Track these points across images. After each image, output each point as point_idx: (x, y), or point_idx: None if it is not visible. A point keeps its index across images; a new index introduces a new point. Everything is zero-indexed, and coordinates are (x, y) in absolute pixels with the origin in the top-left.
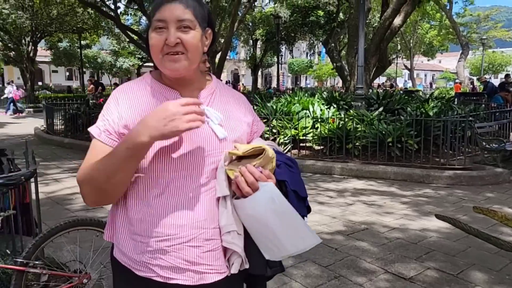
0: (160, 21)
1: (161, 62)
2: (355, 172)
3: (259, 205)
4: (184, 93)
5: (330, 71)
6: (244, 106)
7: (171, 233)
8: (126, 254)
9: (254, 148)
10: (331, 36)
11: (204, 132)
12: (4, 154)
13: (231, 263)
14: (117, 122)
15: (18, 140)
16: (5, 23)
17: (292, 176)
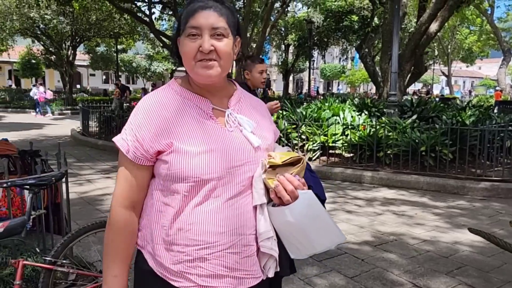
0: (194, 28)
1: (194, 68)
2: (386, 181)
3: (298, 213)
4: (214, 101)
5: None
6: (267, 114)
7: (212, 241)
8: (162, 265)
9: (292, 157)
10: (365, 41)
11: (239, 140)
12: (38, 155)
13: (268, 267)
14: (147, 139)
15: (55, 141)
16: (47, 28)
17: (314, 181)
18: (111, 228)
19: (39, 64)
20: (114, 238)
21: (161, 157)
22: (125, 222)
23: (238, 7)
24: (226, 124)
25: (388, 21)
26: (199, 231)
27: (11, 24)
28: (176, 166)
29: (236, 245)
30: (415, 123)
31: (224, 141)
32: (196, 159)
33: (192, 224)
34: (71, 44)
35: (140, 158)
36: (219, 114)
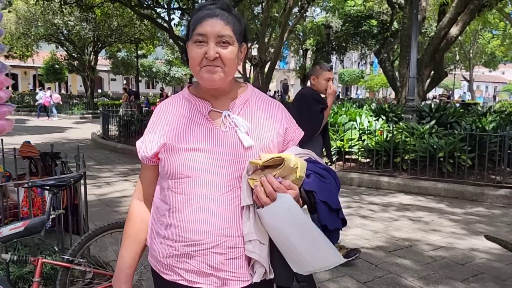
0: (200, 35)
1: (199, 73)
2: (403, 187)
3: (276, 216)
4: (216, 104)
5: (382, 82)
6: (278, 115)
7: (197, 239)
8: (156, 258)
9: (273, 158)
10: (384, 46)
11: (230, 140)
12: (59, 157)
13: (254, 271)
14: (155, 141)
15: (76, 144)
16: (70, 34)
17: (323, 187)
18: (128, 216)
19: (62, 69)
20: (128, 225)
21: (158, 156)
22: (136, 212)
23: (257, 12)
24: (222, 125)
25: (407, 25)
26: (186, 229)
27: (36, 30)
28: (165, 163)
29: (221, 245)
30: (434, 128)
31: (214, 141)
32: (181, 156)
33: (181, 221)
34: (93, 49)
35: (144, 158)
36: (216, 116)
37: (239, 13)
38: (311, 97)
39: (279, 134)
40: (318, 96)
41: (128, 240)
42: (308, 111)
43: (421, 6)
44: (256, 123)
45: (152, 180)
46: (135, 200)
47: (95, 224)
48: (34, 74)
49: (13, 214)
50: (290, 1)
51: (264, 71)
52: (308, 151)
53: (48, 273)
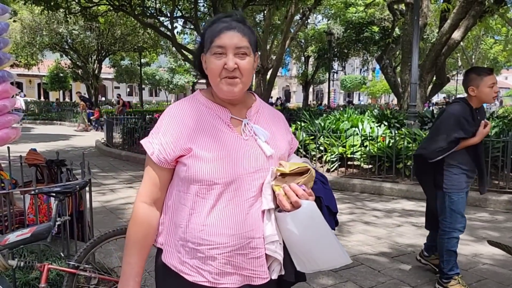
0: (219, 47)
1: (219, 84)
2: (405, 192)
3: (299, 222)
4: (233, 111)
5: (385, 88)
6: (284, 125)
7: (222, 242)
8: (179, 259)
9: (300, 167)
10: (386, 52)
11: (253, 148)
12: (64, 164)
13: (272, 269)
14: (173, 144)
15: (81, 152)
16: (74, 43)
17: (326, 192)
18: (132, 220)
19: (67, 78)
20: (134, 230)
21: (181, 160)
22: (144, 215)
23: (259, 20)
24: (242, 133)
25: (408, 31)
26: (211, 232)
27: (41, 39)
28: (193, 169)
29: (245, 247)
30: None
31: (238, 149)
32: (211, 164)
33: (205, 225)
34: (97, 58)
35: (162, 161)
36: (236, 123)
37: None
38: (463, 118)
39: (288, 143)
40: (470, 117)
41: (134, 246)
42: (448, 133)
43: (422, 12)
44: (272, 132)
45: (165, 183)
46: (141, 203)
47: (100, 230)
48: (39, 82)
49: (19, 221)
50: (292, 8)
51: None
52: (305, 159)
53: (54, 279)
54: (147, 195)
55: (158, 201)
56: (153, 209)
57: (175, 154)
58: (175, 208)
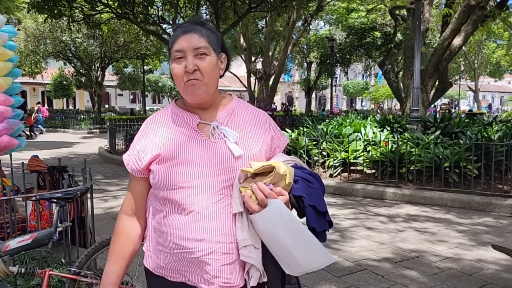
0: (178, 51)
1: (184, 89)
2: (409, 197)
3: (268, 221)
4: (204, 116)
5: (387, 93)
6: (263, 124)
7: (191, 247)
8: (157, 264)
9: (264, 166)
10: (388, 57)
11: (220, 150)
12: (66, 170)
13: (250, 276)
14: (144, 153)
15: (83, 158)
16: (78, 51)
17: (310, 191)
18: (114, 231)
19: (70, 85)
20: (112, 240)
21: (150, 167)
22: (122, 226)
23: (261, 26)
24: (211, 136)
25: (410, 36)
26: (179, 237)
27: (45, 47)
28: (158, 175)
29: (215, 252)
30: (439, 138)
31: (204, 152)
32: (175, 168)
33: (175, 229)
34: (100, 65)
35: (135, 170)
36: (205, 127)
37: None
38: None
39: (266, 142)
40: None
41: (113, 256)
42: None
43: (424, 17)
44: (244, 132)
45: (143, 193)
46: (122, 215)
47: (102, 237)
48: (43, 90)
49: (21, 228)
50: (294, 15)
51: (268, 84)
52: (294, 158)
53: (55, 285)
54: (127, 207)
55: (139, 212)
56: (133, 220)
57: (144, 162)
58: (153, 213)
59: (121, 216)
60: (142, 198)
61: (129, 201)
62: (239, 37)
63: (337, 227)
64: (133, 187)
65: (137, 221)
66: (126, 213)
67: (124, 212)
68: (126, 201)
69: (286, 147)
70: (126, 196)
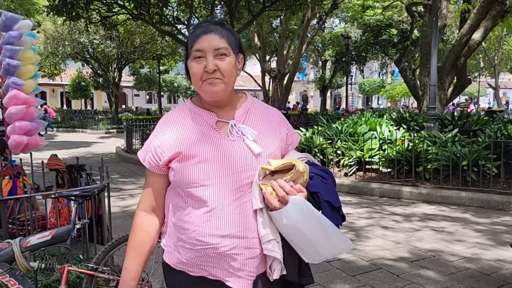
0: (198, 51)
1: (201, 87)
2: (425, 196)
3: (291, 217)
4: (220, 113)
5: (404, 91)
6: (277, 122)
7: (214, 243)
8: (179, 259)
9: (285, 163)
10: (404, 54)
11: (240, 148)
12: (84, 169)
13: (273, 269)
14: (162, 149)
15: (101, 158)
16: (95, 52)
17: (325, 187)
18: (131, 228)
19: (88, 86)
20: (131, 236)
21: (170, 165)
22: (140, 223)
23: (275, 25)
24: (229, 134)
25: (427, 33)
26: (203, 233)
27: (64, 49)
28: (179, 173)
29: (239, 247)
30: (456, 136)
31: (224, 150)
32: (196, 167)
33: (197, 226)
34: (117, 66)
35: (153, 166)
36: (223, 126)
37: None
38: None
39: (281, 139)
40: None
41: (131, 252)
42: None
43: (441, 13)
44: (261, 130)
45: (161, 190)
46: (140, 211)
47: (119, 234)
48: (62, 91)
49: (41, 225)
50: (308, 13)
51: (283, 83)
52: (307, 154)
53: (74, 281)
54: (145, 203)
55: (157, 208)
56: (151, 216)
57: (164, 159)
58: (173, 210)
59: (139, 213)
60: (160, 195)
61: (146, 197)
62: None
63: (352, 226)
64: (151, 184)
65: (155, 217)
66: (143, 209)
67: (142, 209)
68: (143, 198)
69: (300, 146)
70: (143, 192)
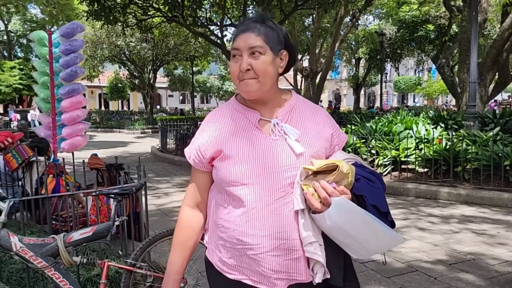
0: (235, 49)
1: (238, 86)
2: (464, 197)
3: (334, 219)
4: (263, 112)
5: (442, 89)
6: (323, 121)
7: (254, 243)
8: (219, 258)
9: (328, 164)
10: (442, 51)
11: (281, 148)
12: (122, 168)
13: (315, 272)
14: (206, 146)
15: (137, 157)
16: (131, 54)
17: (372, 191)
18: (177, 222)
19: (125, 87)
20: (176, 231)
21: (213, 162)
22: (185, 218)
23: (307, 24)
24: (271, 133)
25: (466, 28)
26: (243, 233)
27: (102, 52)
28: (221, 171)
29: (279, 248)
30: (498, 135)
31: (266, 149)
32: (238, 166)
33: (237, 225)
34: (152, 68)
35: (197, 163)
36: (265, 124)
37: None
38: None
39: (326, 140)
40: None
41: (177, 246)
42: None
43: (481, 7)
44: (304, 130)
45: (205, 186)
46: (185, 206)
47: (155, 231)
48: (100, 93)
49: (82, 222)
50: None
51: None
52: (354, 155)
53: (113, 276)
54: (189, 199)
55: (201, 204)
56: (196, 212)
57: (207, 156)
58: (215, 208)
59: (184, 208)
60: (204, 191)
61: (191, 193)
62: None
63: None
64: (196, 180)
65: (199, 212)
66: (188, 204)
67: (187, 204)
68: (188, 193)
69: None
70: (189, 188)
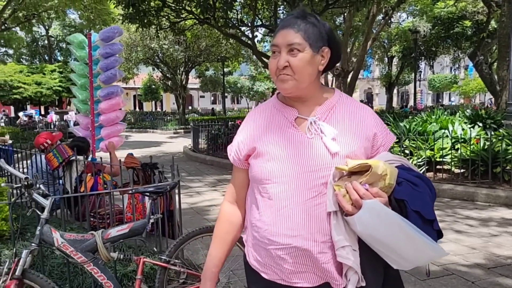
0: (274, 46)
1: (276, 82)
2: (504, 199)
3: (365, 223)
4: (302, 110)
5: (479, 87)
6: (366, 120)
7: (284, 243)
8: (255, 257)
9: (360, 164)
10: (480, 47)
11: (316, 147)
12: (156, 167)
13: (348, 278)
14: (243, 144)
15: (170, 156)
16: (164, 56)
17: (415, 195)
18: (218, 216)
19: (158, 89)
20: (217, 225)
21: (249, 160)
22: (225, 214)
23: (338, 22)
24: (307, 131)
25: (506, 24)
26: (273, 232)
27: (136, 54)
28: (254, 169)
29: (310, 250)
30: None
31: (300, 147)
32: (270, 163)
33: (269, 225)
34: (184, 69)
35: (236, 160)
36: (302, 122)
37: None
38: None
39: (367, 139)
40: None
41: (216, 240)
42: None
43: None
44: (343, 128)
45: (242, 184)
46: (226, 202)
47: (188, 230)
48: (134, 94)
49: (118, 219)
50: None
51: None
52: (400, 157)
53: (148, 272)
54: (229, 195)
55: (240, 201)
56: (235, 207)
57: (244, 153)
58: (250, 208)
59: (224, 203)
60: (242, 189)
61: (231, 190)
62: None
63: None
64: (235, 177)
65: (238, 209)
66: (228, 200)
67: (227, 199)
68: (229, 189)
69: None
70: (229, 185)
